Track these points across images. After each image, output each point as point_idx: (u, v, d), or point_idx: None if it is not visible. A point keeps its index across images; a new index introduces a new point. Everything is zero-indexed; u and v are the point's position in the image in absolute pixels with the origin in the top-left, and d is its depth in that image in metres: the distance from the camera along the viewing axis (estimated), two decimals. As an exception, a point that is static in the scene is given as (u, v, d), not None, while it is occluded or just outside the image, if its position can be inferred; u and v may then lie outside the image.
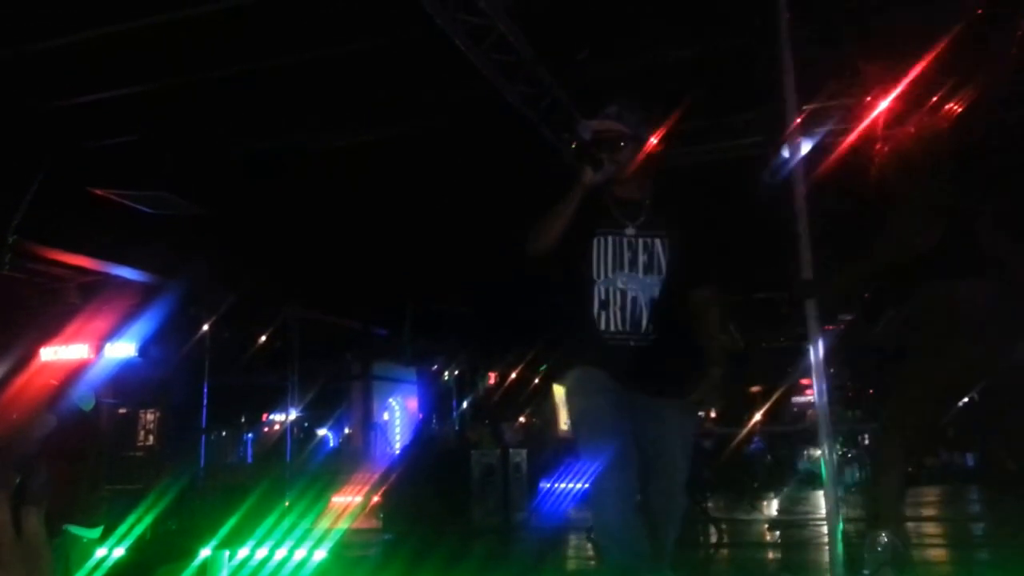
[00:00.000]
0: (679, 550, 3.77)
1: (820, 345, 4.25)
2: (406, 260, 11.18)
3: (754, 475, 15.66)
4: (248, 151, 8.60)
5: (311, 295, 13.10)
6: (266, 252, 10.65)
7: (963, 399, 4.10)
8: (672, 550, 3.60)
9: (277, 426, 19.71)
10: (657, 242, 3.58)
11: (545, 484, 12.20)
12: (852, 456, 14.40)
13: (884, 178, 4.18)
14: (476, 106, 7.54)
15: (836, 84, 6.92)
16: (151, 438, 15.57)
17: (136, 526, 7.83)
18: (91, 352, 12.27)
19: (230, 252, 10.35)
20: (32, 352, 11.97)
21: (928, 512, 11.60)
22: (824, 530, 5.14)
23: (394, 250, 10.85)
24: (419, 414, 18.51)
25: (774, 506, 12.98)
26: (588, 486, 3.44)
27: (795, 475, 17.39)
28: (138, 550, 7.71)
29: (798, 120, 4.55)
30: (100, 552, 6.47)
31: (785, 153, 4.67)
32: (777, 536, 9.10)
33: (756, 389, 19.09)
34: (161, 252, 10.53)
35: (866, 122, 5.71)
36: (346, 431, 19.74)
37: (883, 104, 4.96)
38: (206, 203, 9.28)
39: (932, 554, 7.23)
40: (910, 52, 5.56)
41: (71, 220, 9.33)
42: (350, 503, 12.07)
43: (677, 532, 3.60)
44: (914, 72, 5.21)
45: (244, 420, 20.18)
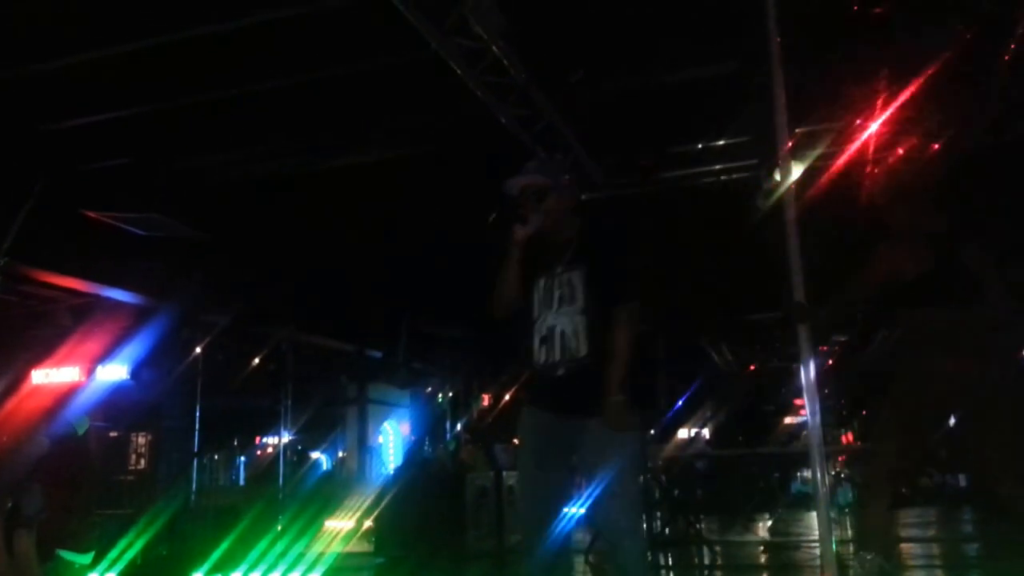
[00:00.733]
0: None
1: (812, 367, 4.25)
2: (400, 282, 11.19)
3: (749, 497, 15.63)
4: (241, 173, 8.62)
5: (305, 317, 13.08)
6: (259, 274, 10.64)
7: (941, 423, 4.15)
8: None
9: (270, 449, 19.67)
10: (575, 275, 3.79)
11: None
12: (845, 477, 14.38)
13: (874, 203, 4.23)
14: (471, 129, 7.56)
15: (827, 108, 6.95)
16: (143, 461, 15.53)
17: (127, 551, 7.79)
18: (82, 375, 12.26)
19: (223, 274, 10.34)
20: (23, 375, 11.96)
21: (920, 533, 11.60)
22: (817, 551, 5.14)
23: (388, 272, 10.86)
24: (411, 436, 18.51)
25: (769, 528, 12.94)
26: (584, 510, 3.52)
27: (788, 496, 17.40)
28: (129, 575, 7.67)
29: (789, 143, 4.57)
30: (91, 577, 6.43)
31: (776, 176, 4.70)
32: (771, 558, 9.08)
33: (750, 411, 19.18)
34: (153, 274, 10.53)
35: (856, 144, 5.76)
36: (340, 454, 19.72)
37: (873, 127, 5.01)
38: (199, 225, 9.28)
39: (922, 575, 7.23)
40: (899, 77, 5.61)
41: (63, 242, 9.31)
42: (343, 527, 12.03)
43: (632, 559, 3.64)
44: (903, 96, 5.25)
45: (237, 443, 20.16)
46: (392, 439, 19.19)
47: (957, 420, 4.12)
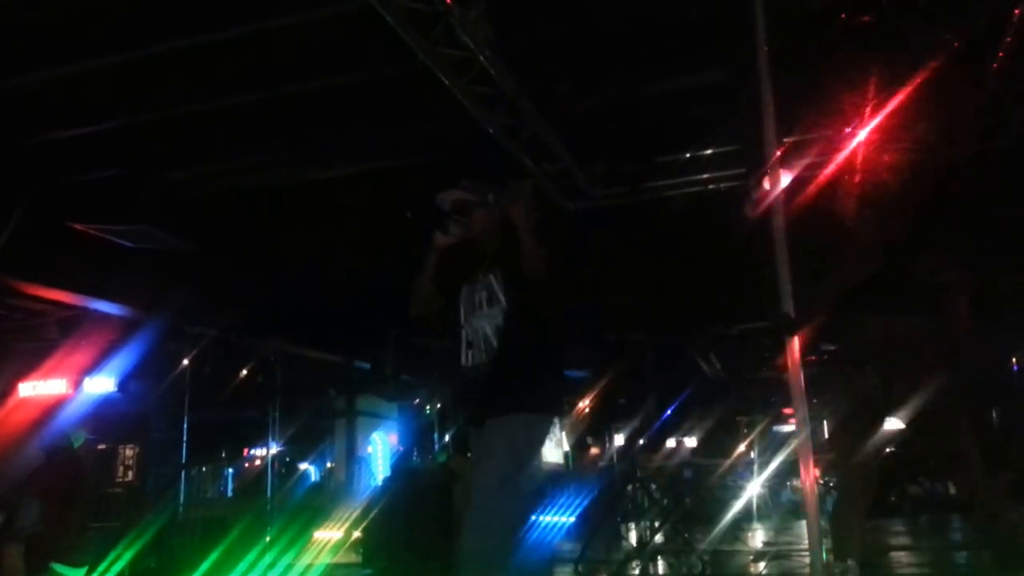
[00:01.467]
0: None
1: (800, 376, 4.25)
2: (388, 294, 11.16)
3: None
4: (229, 185, 8.60)
5: (293, 329, 13.05)
6: (247, 286, 10.62)
7: (875, 428, 4.22)
8: None
9: (258, 461, 19.62)
10: (493, 277, 3.98)
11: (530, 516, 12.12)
12: (834, 485, 14.38)
13: (841, 208, 4.29)
14: (459, 139, 7.57)
15: (815, 116, 6.98)
16: (130, 474, 15.43)
17: (115, 563, 7.74)
18: (70, 387, 12.20)
19: (211, 286, 10.31)
20: (10, 387, 11.90)
21: (906, 541, 11.61)
22: (807, 560, 5.14)
23: (376, 284, 10.84)
24: (399, 447, 18.47)
25: (758, 537, 12.94)
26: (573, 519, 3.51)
27: (779, 505, 17.40)
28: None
29: (778, 153, 4.58)
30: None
31: (765, 185, 4.71)
32: (761, 568, 9.07)
33: (739, 420, 19.19)
34: (141, 286, 10.49)
35: (844, 153, 5.77)
36: (328, 465, 19.67)
37: (861, 135, 5.02)
38: (187, 238, 9.25)
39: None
40: (887, 85, 5.63)
41: (50, 254, 9.28)
42: (331, 538, 11.98)
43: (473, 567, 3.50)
44: (891, 104, 5.27)
45: (225, 455, 20.09)
46: (380, 450, 19.14)
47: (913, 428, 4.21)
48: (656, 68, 6.87)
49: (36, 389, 11.99)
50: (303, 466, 20.60)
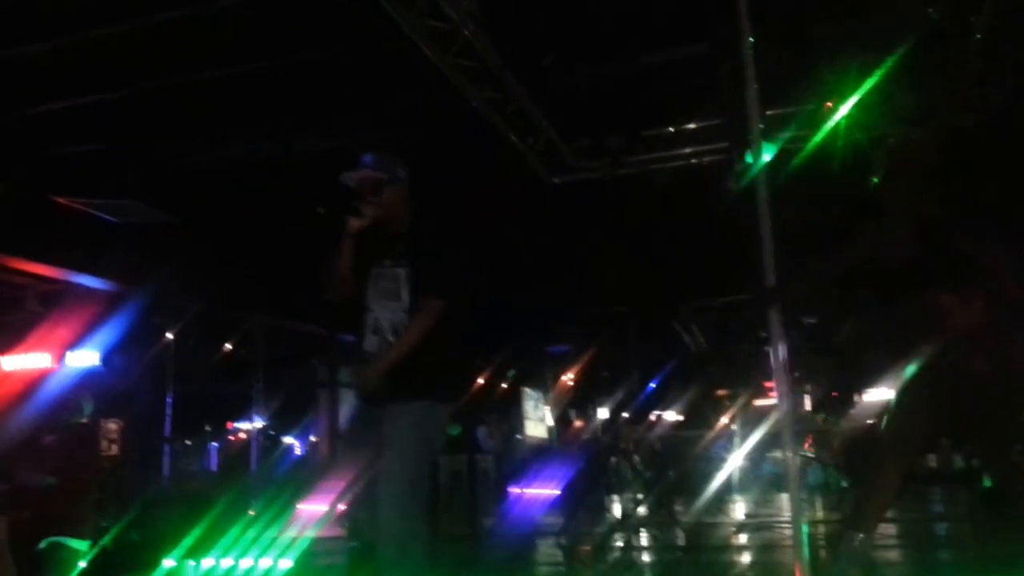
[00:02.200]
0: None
1: (782, 349, 4.28)
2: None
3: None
4: (213, 159, 8.56)
5: (276, 302, 13.01)
6: (230, 259, 10.58)
7: (964, 409, 3.98)
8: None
9: (242, 435, 19.60)
10: (400, 271, 4.02)
11: (515, 489, 12.19)
12: (814, 457, 14.49)
13: (870, 182, 4.20)
14: (442, 113, 7.55)
15: (798, 90, 6.98)
16: (114, 448, 15.40)
17: (99, 537, 7.74)
18: (53, 361, 12.14)
19: (194, 260, 10.27)
20: (-8, 361, 11.84)
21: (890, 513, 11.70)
22: (789, 532, 5.19)
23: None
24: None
25: (740, 509, 13.04)
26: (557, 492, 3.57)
27: (760, 477, 17.53)
28: (101, 561, 7.62)
29: (761, 126, 4.59)
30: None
31: (748, 159, 4.71)
32: (743, 539, 9.15)
33: (722, 393, 19.27)
34: (124, 260, 10.44)
35: (828, 126, 5.78)
36: (312, 439, 19.67)
37: (844, 110, 5.02)
38: (170, 211, 9.22)
39: (890, 555, 7.31)
40: (872, 58, 5.63)
41: (33, 228, 9.22)
42: (316, 512, 11.98)
43: (389, 549, 3.93)
44: (873, 78, 5.28)
45: (209, 429, 20.07)
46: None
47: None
48: (640, 42, 6.87)
49: (19, 363, 11.93)
50: (287, 440, 20.60)
